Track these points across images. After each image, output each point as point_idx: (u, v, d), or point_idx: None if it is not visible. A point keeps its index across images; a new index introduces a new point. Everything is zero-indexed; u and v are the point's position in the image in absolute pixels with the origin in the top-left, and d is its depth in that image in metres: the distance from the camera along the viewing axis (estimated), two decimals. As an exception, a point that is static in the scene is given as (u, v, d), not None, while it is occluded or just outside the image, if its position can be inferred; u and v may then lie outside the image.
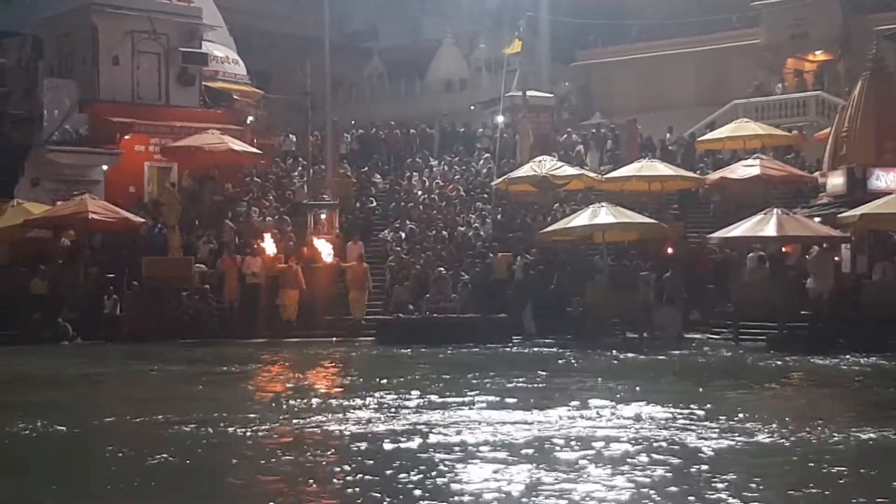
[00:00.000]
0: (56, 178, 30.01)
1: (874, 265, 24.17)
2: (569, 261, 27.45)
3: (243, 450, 11.42)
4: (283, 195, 31.00)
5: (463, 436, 11.86)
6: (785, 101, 37.77)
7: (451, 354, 22.29)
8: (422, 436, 11.89)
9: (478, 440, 11.61)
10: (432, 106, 45.04)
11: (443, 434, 12.00)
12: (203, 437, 12.01)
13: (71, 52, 32.87)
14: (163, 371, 19.56)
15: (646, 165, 29.73)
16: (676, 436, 11.88)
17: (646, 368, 19.95)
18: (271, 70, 44.29)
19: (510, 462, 10.44)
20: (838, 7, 39.98)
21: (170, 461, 10.70)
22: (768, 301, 24.10)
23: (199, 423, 12.72)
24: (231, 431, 12.32)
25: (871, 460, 10.84)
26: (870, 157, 26.05)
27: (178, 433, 12.24)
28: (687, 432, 12.08)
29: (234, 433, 12.23)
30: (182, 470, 10.51)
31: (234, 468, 10.64)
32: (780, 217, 24.01)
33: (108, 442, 11.84)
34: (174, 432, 12.32)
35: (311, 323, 25.80)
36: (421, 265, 27.16)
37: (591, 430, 12.20)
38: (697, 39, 42.62)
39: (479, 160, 34.79)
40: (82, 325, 24.94)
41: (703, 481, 9.65)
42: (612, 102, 42.89)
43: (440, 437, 11.80)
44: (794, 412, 14.05)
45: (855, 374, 18.73)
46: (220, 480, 10.17)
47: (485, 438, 11.71)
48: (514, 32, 36.32)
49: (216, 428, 12.47)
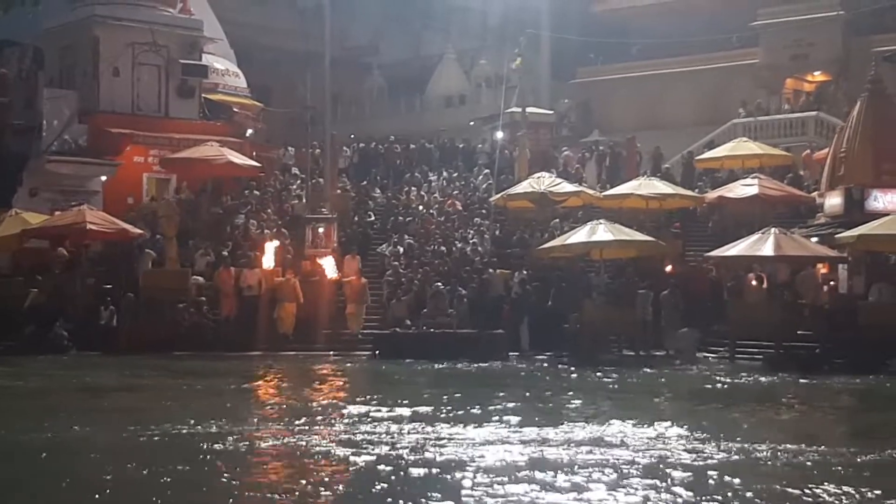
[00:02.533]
0: (54, 189, 30.03)
1: (871, 286, 24.20)
2: (566, 277, 27.44)
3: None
4: (282, 208, 31.02)
5: (448, 454, 11.81)
6: (784, 121, 37.82)
7: (445, 370, 22.27)
8: (410, 452, 11.87)
9: (464, 458, 11.57)
10: (432, 121, 45.12)
11: (428, 451, 11.96)
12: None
13: (72, 63, 32.95)
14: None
15: (644, 183, 29.76)
16: (668, 455, 11.88)
17: (640, 388, 19.94)
18: (272, 84, 44.40)
19: (499, 481, 10.40)
20: (838, 28, 40.10)
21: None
22: (765, 320, 24.10)
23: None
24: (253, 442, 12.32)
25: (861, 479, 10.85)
26: (868, 178, 26.11)
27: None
28: (678, 452, 12.09)
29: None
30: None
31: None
32: (778, 237, 24.07)
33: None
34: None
35: (307, 337, 25.76)
36: (419, 280, 27.15)
37: (573, 452, 12.15)
38: (697, 58, 42.73)
39: (478, 176, 34.82)
40: (78, 336, 24.89)
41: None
42: (612, 120, 42.97)
43: (427, 455, 11.77)
44: (783, 432, 14.04)
45: (847, 394, 18.76)
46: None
47: (473, 456, 11.68)
48: (515, 49, 36.41)
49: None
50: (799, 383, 20.16)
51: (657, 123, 40.75)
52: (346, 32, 49.42)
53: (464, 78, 50.08)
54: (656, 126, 40.14)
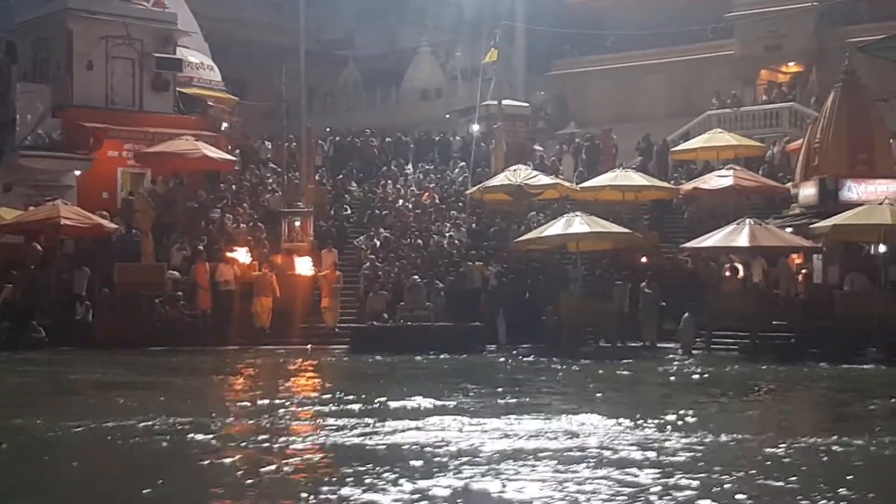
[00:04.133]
0: (28, 184, 29.83)
1: (845, 276, 24.35)
2: (543, 270, 27.50)
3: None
4: (258, 202, 30.92)
5: (427, 446, 11.83)
6: (758, 112, 37.96)
7: (421, 363, 22.29)
8: (381, 444, 11.89)
9: (437, 450, 11.59)
10: (408, 114, 45.05)
11: (400, 442, 11.99)
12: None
13: (45, 57, 32.68)
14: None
15: (620, 175, 29.86)
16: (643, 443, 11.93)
17: (617, 379, 20.02)
18: (248, 77, 44.21)
19: (475, 472, 10.44)
20: (812, 19, 40.25)
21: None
22: (741, 311, 24.21)
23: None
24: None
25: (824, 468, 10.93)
26: (842, 169, 26.27)
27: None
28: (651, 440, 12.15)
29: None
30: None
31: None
32: (753, 227, 24.21)
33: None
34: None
35: (284, 331, 25.74)
36: (395, 273, 27.14)
37: (544, 440, 12.20)
38: (672, 50, 42.81)
39: (455, 169, 34.81)
40: (54, 332, 24.74)
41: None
42: (588, 112, 43.03)
43: (393, 446, 11.77)
44: (756, 422, 14.13)
45: (822, 382, 18.89)
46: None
47: (451, 448, 11.70)
48: (490, 42, 36.39)
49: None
50: (775, 372, 20.28)
51: (633, 115, 40.81)
52: (321, 25, 49.27)
53: (439, 71, 50.01)
54: (632, 118, 40.20)
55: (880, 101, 28.33)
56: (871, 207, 24.20)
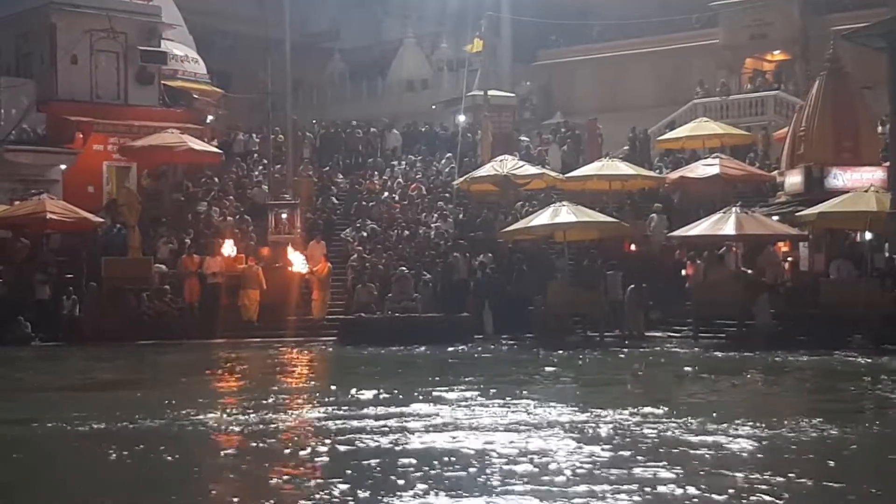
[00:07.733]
0: (13, 178, 29.77)
1: (831, 263, 24.43)
2: (530, 260, 27.52)
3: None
4: (244, 195, 30.87)
5: (409, 439, 11.82)
6: (743, 101, 38.01)
7: (409, 354, 22.29)
8: (367, 437, 11.86)
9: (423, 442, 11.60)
10: (394, 106, 44.98)
11: (385, 436, 11.92)
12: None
13: (29, 51, 32.62)
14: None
15: (606, 164, 29.90)
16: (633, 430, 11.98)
17: (605, 367, 20.07)
18: (233, 70, 44.07)
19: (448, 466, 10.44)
20: (796, 7, 40.27)
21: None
22: (727, 299, 24.27)
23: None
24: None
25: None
26: (827, 156, 26.35)
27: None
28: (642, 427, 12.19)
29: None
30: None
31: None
32: (739, 216, 24.24)
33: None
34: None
35: (272, 323, 25.71)
36: (383, 264, 27.13)
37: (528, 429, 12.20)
38: (657, 39, 42.82)
39: (441, 159, 34.81)
40: (41, 327, 24.69)
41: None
42: (574, 102, 43.02)
43: (381, 439, 11.74)
44: (743, 409, 14.18)
45: (807, 370, 18.98)
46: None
47: (436, 442, 11.72)
48: (475, 32, 36.35)
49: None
50: (761, 360, 20.32)
51: (618, 105, 40.85)
52: (306, 18, 49.03)
53: (425, 62, 49.93)
54: (617, 108, 40.24)
55: (865, 89, 28.36)
56: (857, 195, 24.30)
